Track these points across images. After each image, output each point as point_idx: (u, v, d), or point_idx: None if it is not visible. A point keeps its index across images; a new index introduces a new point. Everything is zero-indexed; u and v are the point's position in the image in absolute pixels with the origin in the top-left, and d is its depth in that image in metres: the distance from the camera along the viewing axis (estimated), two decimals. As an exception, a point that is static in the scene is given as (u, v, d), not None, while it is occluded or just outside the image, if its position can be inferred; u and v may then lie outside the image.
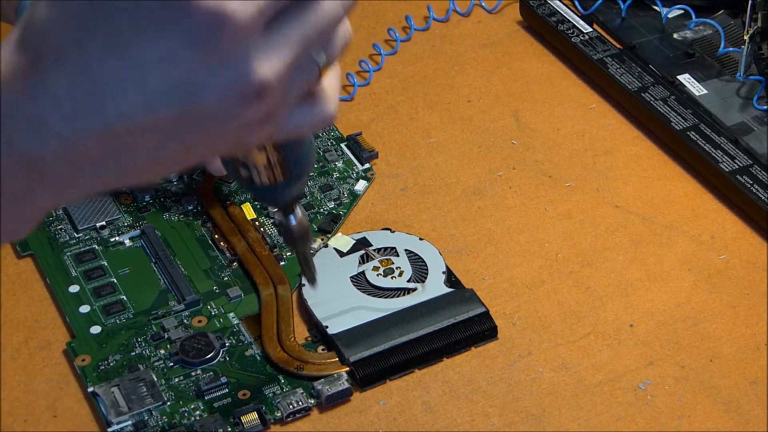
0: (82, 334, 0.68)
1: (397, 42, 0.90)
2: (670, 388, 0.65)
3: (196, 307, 0.70)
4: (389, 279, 0.70)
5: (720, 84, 0.83)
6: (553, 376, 0.66)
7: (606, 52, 0.86)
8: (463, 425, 0.63)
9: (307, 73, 0.43)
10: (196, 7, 0.39)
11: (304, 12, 0.42)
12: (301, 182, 0.52)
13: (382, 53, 0.88)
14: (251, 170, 0.50)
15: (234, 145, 0.44)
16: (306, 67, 0.43)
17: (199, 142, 0.42)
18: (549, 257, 0.73)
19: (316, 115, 0.45)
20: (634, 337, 0.68)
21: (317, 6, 0.43)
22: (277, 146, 0.49)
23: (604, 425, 0.63)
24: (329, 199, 0.77)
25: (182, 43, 0.39)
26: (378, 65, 0.88)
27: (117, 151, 0.41)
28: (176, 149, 0.42)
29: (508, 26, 0.92)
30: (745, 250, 0.73)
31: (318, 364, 0.66)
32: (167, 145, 0.41)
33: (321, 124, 0.45)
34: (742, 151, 0.77)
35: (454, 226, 0.75)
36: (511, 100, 0.85)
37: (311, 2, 0.43)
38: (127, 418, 0.63)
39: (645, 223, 0.75)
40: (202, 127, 0.41)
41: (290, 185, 0.51)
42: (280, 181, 0.51)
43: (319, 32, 0.43)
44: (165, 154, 0.42)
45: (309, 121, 0.45)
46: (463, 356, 0.67)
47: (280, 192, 0.51)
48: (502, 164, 0.80)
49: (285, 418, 0.63)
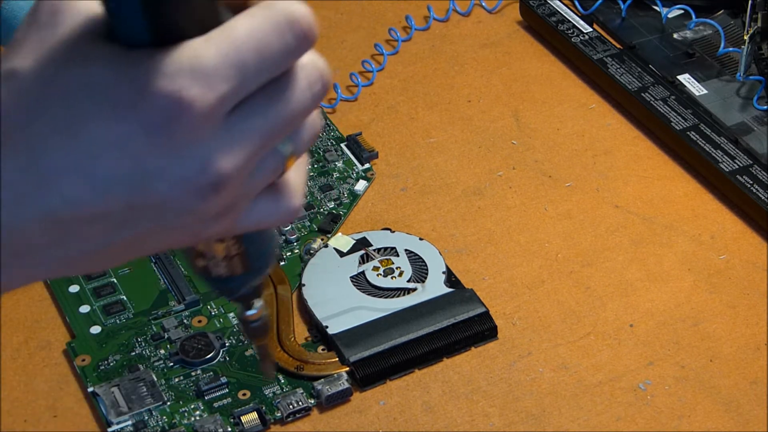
0: (82, 334, 0.68)
1: (399, 42, 0.90)
2: (670, 388, 0.65)
3: (196, 307, 0.70)
4: (389, 279, 0.70)
5: (720, 84, 0.83)
6: (553, 376, 0.66)
7: (606, 52, 0.86)
8: (463, 425, 0.63)
9: (271, 166, 0.40)
10: (154, 92, 0.36)
11: (270, 101, 0.39)
12: (261, 275, 0.48)
13: (384, 53, 0.88)
14: (208, 261, 0.45)
15: (189, 238, 0.41)
16: (270, 160, 0.40)
17: (151, 234, 0.39)
18: (549, 257, 0.73)
19: (278, 209, 0.42)
20: (634, 337, 0.68)
21: (285, 96, 0.39)
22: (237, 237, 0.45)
23: (604, 425, 0.63)
24: (329, 199, 0.77)
25: (137, 129, 0.37)
26: (381, 65, 0.88)
27: (63, 239, 0.39)
28: (127, 240, 0.39)
29: (508, 26, 0.92)
30: (745, 250, 0.73)
31: (318, 364, 0.66)
32: (117, 235, 0.39)
33: (284, 218, 0.42)
34: (742, 151, 0.77)
35: (454, 226, 0.75)
36: (511, 100, 0.85)
37: (278, 91, 0.39)
38: (127, 418, 0.63)
39: (645, 223, 0.75)
40: (155, 219, 0.39)
41: (250, 278, 0.47)
42: (239, 274, 0.46)
43: (286, 124, 0.40)
44: (114, 244, 0.39)
45: (271, 215, 0.42)
46: (463, 356, 0.67)
47: (238, 285, 0.47)
48: (502, 164, 0.80)
49: (285, 418, 0.63)
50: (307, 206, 0.76)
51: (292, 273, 0.71)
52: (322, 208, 0.76)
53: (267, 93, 0.39)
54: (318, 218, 0.75)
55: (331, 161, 0.80)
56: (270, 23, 0.38)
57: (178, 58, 0.37)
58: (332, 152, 0.80)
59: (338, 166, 0.79)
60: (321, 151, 0.80)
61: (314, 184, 0.78)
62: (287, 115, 0.39)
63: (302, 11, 0.38)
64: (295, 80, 0.39)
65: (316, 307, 0.68)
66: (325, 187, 0.78)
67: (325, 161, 0.80)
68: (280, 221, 0.42)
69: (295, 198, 0.42)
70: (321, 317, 0.68)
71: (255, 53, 0.38)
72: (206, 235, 0.41)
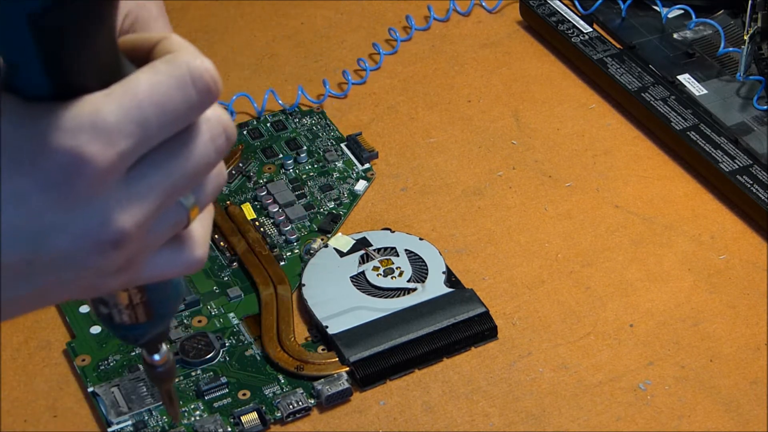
0: (82, 334, 0.68)
1: (398, 42, 0.90)
2: (670, 388, 0.65)
3: (196, 307, 0.70)
4: (389, 279, 0.70)
5: (720, 84, 0.83)
6: (553, 376, 0.66)
7: (606, 52, 0.86)
8: (463, 425, 0.63)
9: (173, 220, 0.39)
10: (53, 147, 0.35)
11: (172, 156, 0.38)
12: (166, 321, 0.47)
13: (381, 53, 0.88)
14: (111, 308, 0.44)
15: (90, 291, 0.40)
16: (172, 214, 0.39)
17: (51, 288, 0.38)
18: (549, 257, 0.73)
19: (180, 261, 0.41)
20: (634, 337, 0.68)
21: (186, 150, 0.38)
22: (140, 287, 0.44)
23: (604, 425, 0.63)
24: (329, 199, 0.77)
25: (36, 184, 0.36)
26: (376, 65, 0.88)
27: None
28: (27, 293, 0.38)
29: (508, 26, 0.92)
30: (745, 250, 0.73)
31: (318, 364, 0.66)
32: (16, 288, 0.38)
33: (186, 270, 0.41)
34: (742, 151, 0.77)
35: (454, 226, 0.75)
36: (511, 100, 0.85)
37: (180, 146, 0.38)
38: (127, 418, 0.63)
39: (645, 223, 0.75)
40: (54, 274, 0.38)
41: (154, 325, 0.46)
42: (142, 322, 0.45)
43: (188, 178, 0.39)
44: (15, 296, 0.38)
45: (172, 267, 0.41)
46: (463, 356, 0.67)
47: (142, 332, 0.46)
48: (502, 164, 0.80)
49: (285, 418, 0.63)
50: (307, 206, 0.76)
51: (292, 273, 0.71)
52: (322, 208, 0.76)
53: (169, 148, 0.38)
54: (318, 218, 0.75)
55: (331, 161, 0.80)
56: (173, 78, 0.37)
57: (79, 112, 0.36)
58: (332, 152, 0.80)
59: (338, 166, 0.79)
60: (321, 151, 0.80)
61: (314, 184, 0.78)
62: (190, 170, 0.39)
63: (206, 65, 0.38)
64: (198, 134, 0.39)
65: (316, 307, 0.68)
66: (325, 187, 0.78)
67: (325, 161, 0.80)
68: (182, 273, 0.41)
69: (199, 249, 0.41)
70: (321, 317, 0.68)
71: (157, 109, 0.37)
72: (107, 289, 0.40)
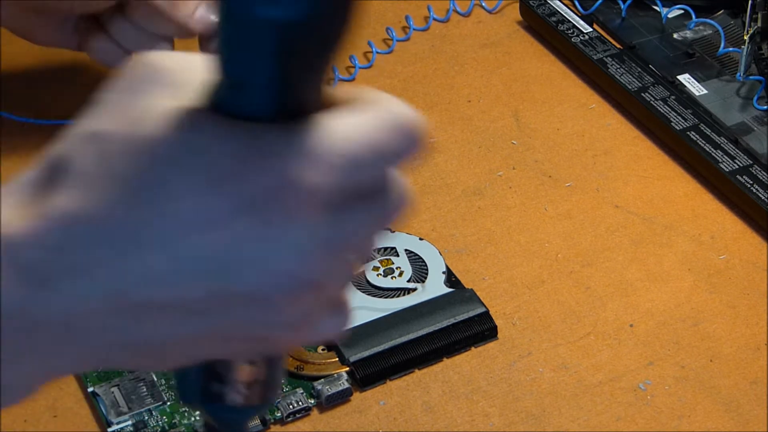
0: (82, 334, 0.68)
1: (393, 41, 0.90)
2: (670, 388, 0.65)
3: (196, 307, 0.70)
4: (389, 279, 0.70)
5: (720, 84, 0.83)
6: (553, 376, 0.66)
7: (606, 52, 0.86)
8: (463, 425, 0.63)
9: (347, 275, 0.37)
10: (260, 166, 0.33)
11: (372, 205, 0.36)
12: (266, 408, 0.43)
13: (374, 50, 0.88)
14: (227, 385, 0.39)
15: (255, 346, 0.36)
16: (348, 269, 0.37)
17: (220, 334, 0.35)
18: (549, 257, 0.73)
19: (339, 325, 0.38)
20: (634, 337, 0.68)
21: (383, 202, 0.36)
22: (268, 361, 0.40)
23: (604, 425, 0.63)
24: (329, 199, 0.77)
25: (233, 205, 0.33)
26: (369, 62, 0.88)
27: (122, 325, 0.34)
28: (191, 336, 0.35)
29: (508, 26, 0.92)
30: (745, 250, 0.73)
31: (318, 364, 0.66)
32: (183, 328, 0.34)
33: (339, 336, 0.39)
34: (742, 151, 0.77)
35: (454, 226, 0.75)
36: (511, 100, 0.85)
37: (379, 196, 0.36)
38: (127, 418, 0.63)
39: (645, 223, 0.75)
40: (231, 315, 0.34)
41: (259, 410, 0.41)
42: (254, 404, 0.40)
43: (376, 231, 0.37)
44: (175, 339, 0.35)
45: (332, 330, 0.38)
46: (463, 356, 0.67)
47: (246, 416, 0.41)
48: (502, 164, 0.80)
49: (285, 418, 0.63)
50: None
51: (292, 273, 0.71)
52: (322, 208, 0.76)
53: (369, 195, 0.36)
54: (318, 218, 0.75)
55: (331, 161, 0.79)
56: (388, 123, 0.36)
57: (294, 137, 0.34)
58: (332, 152, 0.80)
59: (338, 166, 0.79)
60: (321, 151, 0.80)
61: (314, 184, 0.78)
62: (380, 223, 0.37)
63: (416, 117, 0.37)
64: (392, 188, 0.37)
65: (316, 307, 0.68)
66: (325, 187, 0.77)
67: (325, 161, 0.79)
68: (336, 338, 0.39)
69: (350, 314, 0.39)
70: (321, 317, 0.68)
71: (370, 150, 0.35)
72: (272, 346, 0.37)
